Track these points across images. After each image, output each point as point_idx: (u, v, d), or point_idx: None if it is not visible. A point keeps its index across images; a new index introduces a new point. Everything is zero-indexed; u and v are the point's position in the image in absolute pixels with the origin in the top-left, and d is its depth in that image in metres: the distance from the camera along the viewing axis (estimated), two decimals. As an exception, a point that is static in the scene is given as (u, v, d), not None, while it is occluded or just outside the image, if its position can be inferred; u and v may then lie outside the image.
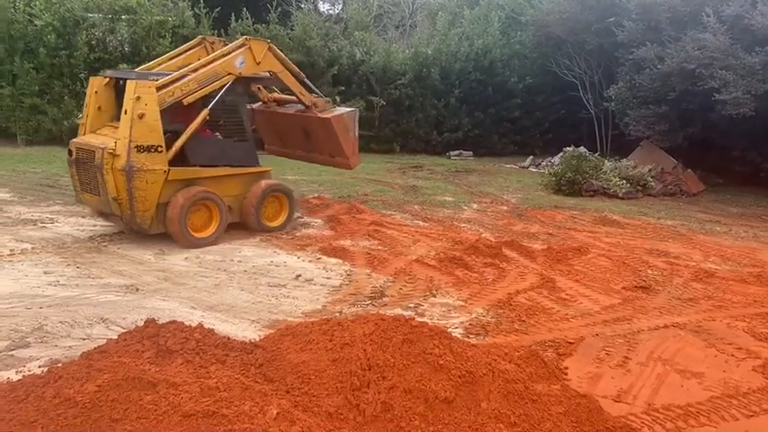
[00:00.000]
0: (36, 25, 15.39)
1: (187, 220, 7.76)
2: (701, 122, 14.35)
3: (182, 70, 8.04)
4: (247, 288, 6.57)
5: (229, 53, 8.24)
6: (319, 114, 9.13)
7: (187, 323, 4.33)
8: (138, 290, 6.33)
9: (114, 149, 7.35)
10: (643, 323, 6.10)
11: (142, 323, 4.48)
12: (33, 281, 6.43)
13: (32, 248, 7.42)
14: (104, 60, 15.74)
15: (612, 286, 7.20)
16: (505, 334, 5.65)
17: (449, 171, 15.71)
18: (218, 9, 16.91)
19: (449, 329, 5.12)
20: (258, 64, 8.41)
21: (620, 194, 13.00)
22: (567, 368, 4.95)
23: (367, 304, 6.29)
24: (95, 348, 4.20)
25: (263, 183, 8.56)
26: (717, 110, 12.93)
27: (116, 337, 4.29)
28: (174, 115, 7.81)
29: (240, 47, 8.29)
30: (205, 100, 7.99)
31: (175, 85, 7.67)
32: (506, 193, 12.88)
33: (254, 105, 10.15)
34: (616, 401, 4.51)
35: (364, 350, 3.88)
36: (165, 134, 7.61)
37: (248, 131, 8.89)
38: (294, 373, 3.80)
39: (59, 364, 4.28)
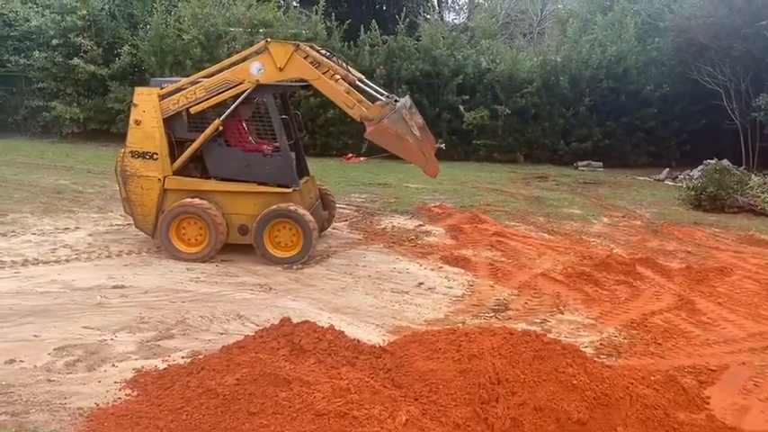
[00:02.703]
0: (184, 39, 16.65)
1: (174, 233, 7.49)
2: None
3: (194, 76, 7.72)
4: (372, 293, 6.69)
5: (246, 58, 7.54)
6: (367, 128, 7.22)
7: (318, 324, 4.48)
8: (270, 289, 6.64)
9: (122, 153, 7.64)
10: (798, 354, 5.54)
11: (275, 321, 4.70)
12: (177, 276, 6.93)
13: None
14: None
15: (761, 311, 6.59)
16: (640, 356, 5.34)
17: (576, 182, 15.15)
18: (348, 21, 17.44)
19: (581, 349, 4.91)
20: (281, 70, 7.25)
21: (769, 212, 11.93)
22: (709, 397, 4.59)
23: (490, 316, 6.20)
24: (234, 343, 4.45)
25: (276, 206, 7.42)
26: None
27: (253, 334, 4.53)
28: (202, 122, 7.55)
29: (259, 51, 7.44)
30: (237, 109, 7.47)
31: (181, 93, 7.46)
32: (640, 207, 12.21)
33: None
34: (768, 438, 4.12)
35: (493, 363, 3.82)
36: (187, 142, 7.58)
37: (283, 144, 7.66)
38: (422, 381, 3.81)
39: (201, 356, 4.59)
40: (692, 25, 16.28)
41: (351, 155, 16.68)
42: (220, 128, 7.47)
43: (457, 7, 32.16)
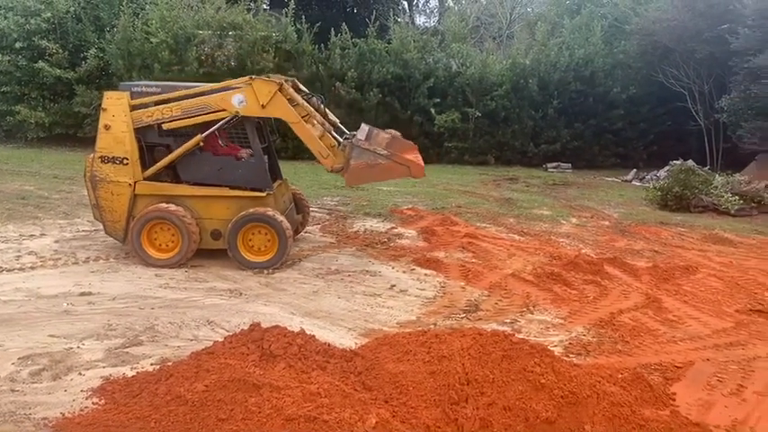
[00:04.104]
0: (152, 42, 16.45)
1: (146, 239, 7.38)
2: (827, 135, 13.29)
3: (176, 93, 7.48)
4: (344, 296, 6.68)
5: (231, 87, 7.43)
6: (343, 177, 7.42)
7: (288, 328, 4.47)
8: (241, 294, 6.59)
9: (91, 159, 7.50)
10: (760, 349, 5.68)
11: (245, 326, 4.67)
12: (146, 282, 6.84)
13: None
14: (212, 75, 16.56)
15: (725, 309, 6.75)
16: (608, 355, 5.42)
17: (546, 184, 15.34)
18: (318, 24, 17.42)
19: (549, 348, 4.97)
20: (263, 108, 7.30)
21: (733, 211, 12.20)
22: (675, 394, 4.68)
23: (462, 317, 6.24)
24: (203, 349, 4.41)
25: (252, 210, 7.37)
26: None
27: (222, 340, 4.49)
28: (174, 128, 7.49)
29: (243, 84, 7.39)
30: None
31: (157, 108, 7.37)
32: (608, 208, 12.41)
33: None
34: (731, 433, 4.22)
35: (462, 364, 3.85)
36: (158, 147, 7.52)
37: (256, 149, 7.61)
38: (392, 384, 3.82)
39: (170, 363, 4.53)
40: (657, 29, 16.64)
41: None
42: (201, 144, 7.41)
43: (427, 11, 32.41)
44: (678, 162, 14.25)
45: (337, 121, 8.21)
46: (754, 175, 13.72)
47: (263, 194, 7.54)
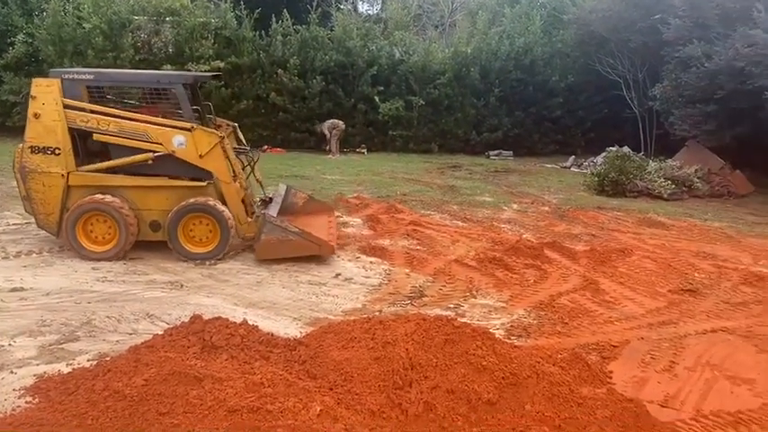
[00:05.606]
0: (84, 28, 15.82)
1: (81, 231, 7.15)
2: (751, 122, 13.87)
3: (121, 113, 7.25)
4: (288, 286, 6.64)
5: (175, 126, 7.23)
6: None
7: (231, 320, 4.40)
8: (182, 286, 6.45)
9: (20, 149, 7.24)
10: (690, 327, 5.95)
11: (187, 319, 4.58)
12: (82, 276, 6.62)
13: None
14: (149, 62, 16.10)
15: (658, 289, 7.03)
16: (548, 336, 5.57)
17: (488, 171, 15.57)
18: (258, 10, 17.10)
19: (491, 331, 5.07)
20: (200, 157, 7.20)
21: (665, 195, 12.69)
22: (611, 372, 4.86)
23: (406, 304, 6.29)
24: (143, 343, 4.31)
25: (192, 200, 7.23)
26: (767, 108, 12.52)
27: (162, 333, 4.39)
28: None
29: (185, 128, 7.21)
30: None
31: (94, 116, 7.13)
32: (547, 194, 12.71)
33: None
34: (663, 407, 4.40)
35: (406, 349, 3.88)
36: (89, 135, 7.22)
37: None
38: (337, 371, 3.82)
39: (108, 358, 4.41)
40: (593, 19, 17.05)
41: (267, 147, 16.44)
42: (150, 162, 7.20)
43: (370, -2, 32.21)
44: (614, 149, 14.69)
45: (262, 179, 8.64)
46: (685, 161, 14.29)
47: (204, 184, 7.37)
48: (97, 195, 7.16)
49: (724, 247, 9.00)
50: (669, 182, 13.04)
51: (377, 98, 17.50)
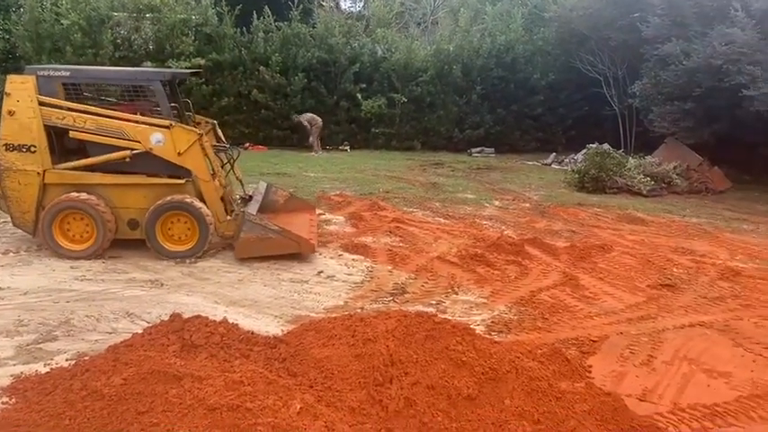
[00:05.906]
0: (63, 24, 15.61)
1: (58, 230, 7.08)
2: (728, 119, 14.08)
3: (99, 110, 7.17)
4: (270, 284, 6.62)
5: (153, 124, 7.17)
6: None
7: (211, 318, 4.38)
8: (162, 285, 6.40)
9: None
10: (668, 322, 6.03)
11: (167, 318, 4.55)
12: (60, 275, 6.54)
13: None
14: (129, 59, 15.93)
15: (637, 284, 7.11)
16: (528, 332, 5.61)
17: (470, 168, 15.63)
18: (239, 7, 16.99)
19: (471, 327, 5.10)
20: (179, 155, 7.16)
21: (645, 192, 12.83)
22: (590, 366, 4.91)
23: (388, 301, 6.30)
24: (122, 342, 4.27)
25: (169, 198, 7.16)
26: (744, 106, 12.69)
27: (141, 331, 4.36)
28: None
29: (164, 126, 7.17)
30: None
31: (71, 113, 7.06)
32: (529, 191, 12.79)
33: None
34: (641, 400, 4.46)
35: (387, 346, 3.89)
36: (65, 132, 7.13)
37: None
38: (317, 368, 3.82)
39: (86, 358, 4.37)
40: (574, 16, 17.17)
41: (248, 144, 16.37)
42: (127, 159, 7.12)
43: (353, -5, 32.13)
44: (594, 146, 14.80)
45: (242, 177, 8.63)
46: (664, 157, 14.45)
47: (182, 181, 7.32)
48: (73, 193, 7.08)
49: (702, 243, 9.12)
50: (648, 178, 13.18)
51: (359, 95, 17.48)
